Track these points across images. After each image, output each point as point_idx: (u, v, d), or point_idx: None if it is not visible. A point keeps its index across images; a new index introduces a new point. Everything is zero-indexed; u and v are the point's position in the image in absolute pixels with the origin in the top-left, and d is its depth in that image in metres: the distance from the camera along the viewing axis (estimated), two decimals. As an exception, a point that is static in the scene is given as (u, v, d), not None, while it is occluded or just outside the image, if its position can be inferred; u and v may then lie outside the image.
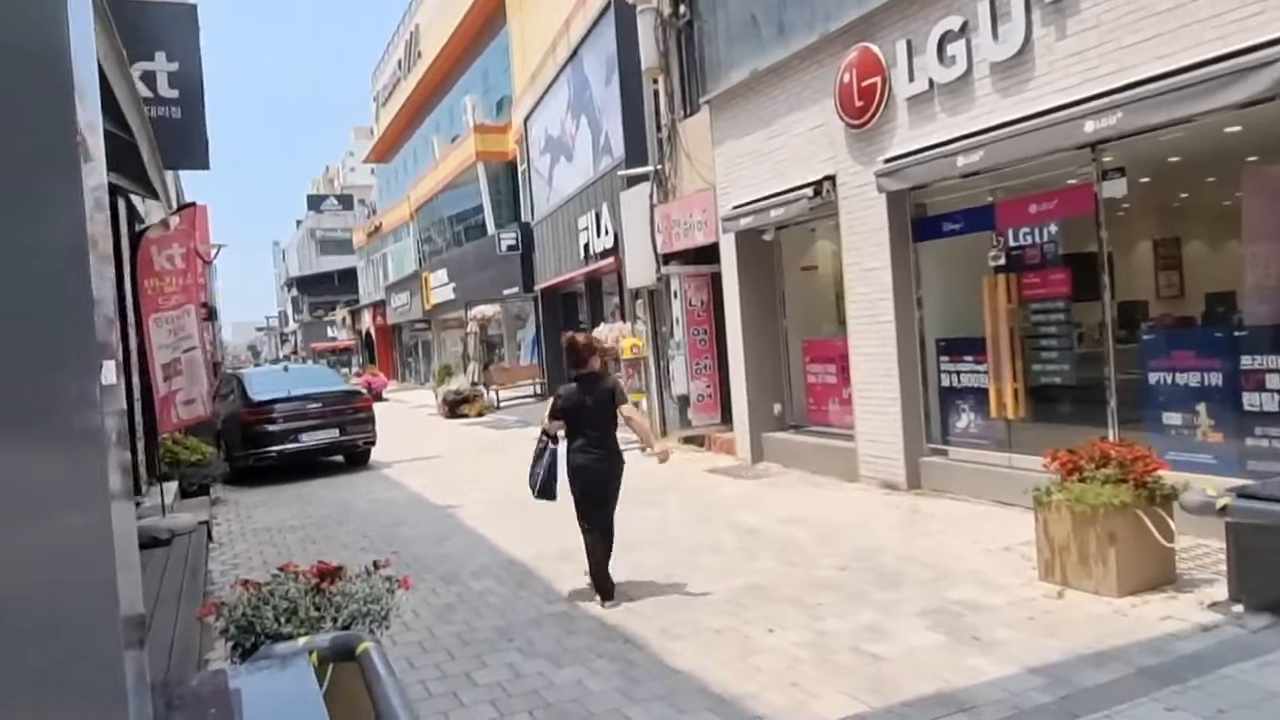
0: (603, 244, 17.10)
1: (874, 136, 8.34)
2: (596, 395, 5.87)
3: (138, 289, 8.03)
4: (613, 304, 19.18)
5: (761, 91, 9.95)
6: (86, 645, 1.86)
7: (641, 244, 12.89)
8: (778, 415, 10.82)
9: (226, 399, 13.58)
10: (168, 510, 8.56)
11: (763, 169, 10.04)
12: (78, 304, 1.86)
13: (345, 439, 13.17)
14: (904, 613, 5.09)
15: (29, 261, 1.74)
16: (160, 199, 7.10)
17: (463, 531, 8.28)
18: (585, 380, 5.94)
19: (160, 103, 7.78)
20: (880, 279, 8.42)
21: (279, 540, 8.49)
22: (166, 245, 8.19)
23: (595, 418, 5.86)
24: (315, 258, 70.24)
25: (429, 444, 16.06)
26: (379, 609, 3.67)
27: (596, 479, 5.85)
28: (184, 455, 10.63)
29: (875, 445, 8.66)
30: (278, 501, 10.93)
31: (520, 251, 24.54)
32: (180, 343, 8.18)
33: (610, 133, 16.64)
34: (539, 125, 22.12)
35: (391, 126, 41.37)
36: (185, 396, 8.19)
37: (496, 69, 29.41)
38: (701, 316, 12.05)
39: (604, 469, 5.87)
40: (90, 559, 1.83)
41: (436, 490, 10.72)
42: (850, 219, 8.79)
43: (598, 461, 5.84)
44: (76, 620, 1.83)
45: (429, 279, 34.15)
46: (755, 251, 10.75)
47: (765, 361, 10.82)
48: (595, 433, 5.86)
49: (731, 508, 8.37)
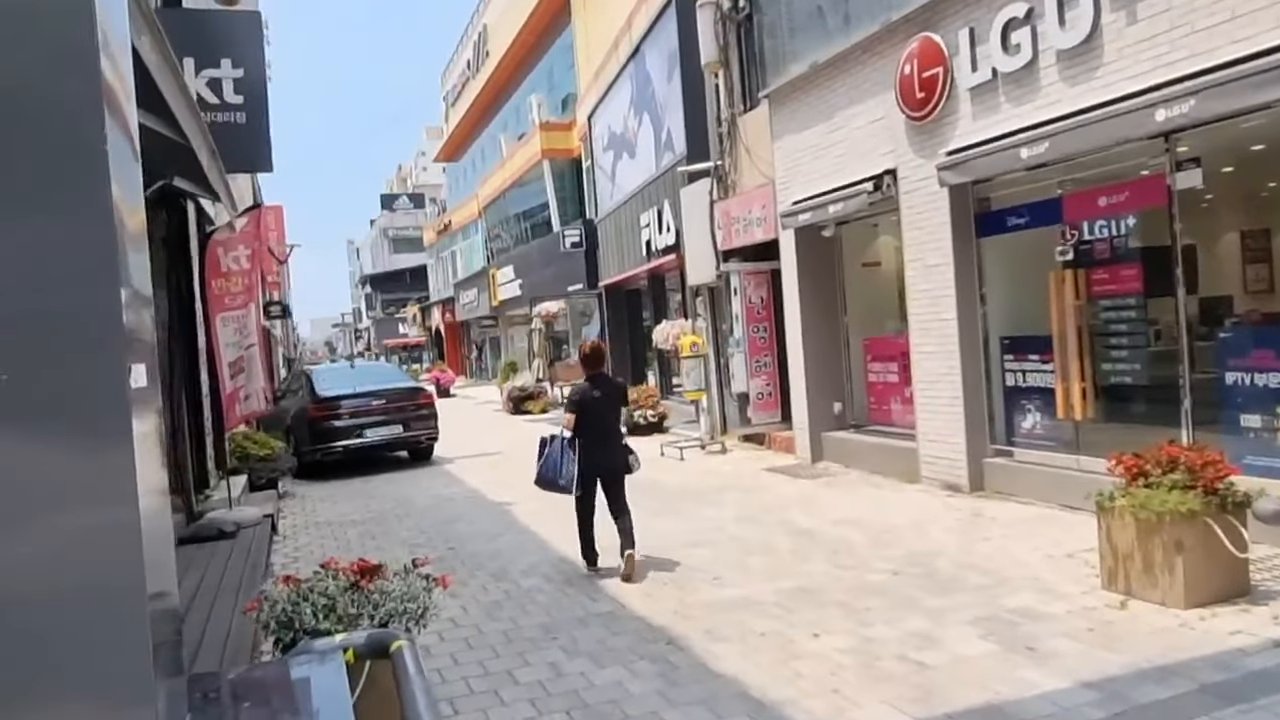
0: (664, 241, 17.04)
1: (936, 129, 8.11)
2: (607, 392, 6.66)
3: (206, 289, 8.29)
4: (676, 301, 19.14)
5: (821, 85, 9.77)
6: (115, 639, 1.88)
7: (701, 241, 12.81)
8: (838, 414, 10.64)
9: (296, 395, 13.95)
10: (235, 504, 8.82)
11: (822, 163, 9.87)
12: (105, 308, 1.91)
13: (408, 435, 13.40)
14: (956, 620, 4.94)
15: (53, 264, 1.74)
16: (223, 202, 7.30)
17: (516, 529, 8.34)
18: (597, 379, 6.71)
19: (226, 109, 7.99)
20: (942, 275, 8.20)
21: (340, 534, 8.67)
22: (233, 246, 8.42)
23: (604, 413, 6.62)
24: (388, 255, 71.77)
25: (491, 440, 16.24)
26: (415, 607, 3.69)
27: (603, 466, 6.53)
28: (253, 450, 10.94)
29: (937, 445, 8.44)
30: (342, 496, 11.17)
31: (584, 248, 24.64)
32: (244, 340, 8.41)
33: (672, 129, 16.57)
34: (602, 122, 22.17)
35: (460, 126, 41.97)
36: (245, 392, 8.41)
37: (561, 67, 29.58)
38: (761, 314, 11.92)
39: (610, 458, 6.57)
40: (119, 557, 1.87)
41: (495, 487, 10.82)
42: (911, 214, 8.58)
43: (603, 453, 6.54)
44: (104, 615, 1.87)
45: (496, 276, 34.57)
46: (815, 248, 10.58)
47: (825, 360, 10.64)
48: (603, 427, 6.60)
49: (787, 508, 8.26)
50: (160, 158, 6.37)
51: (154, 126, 4.86)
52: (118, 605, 1.95)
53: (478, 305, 38.42)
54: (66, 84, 1.88)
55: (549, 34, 29.70)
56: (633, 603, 5.78)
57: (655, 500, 9.08)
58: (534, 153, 28.83)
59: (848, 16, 9.18)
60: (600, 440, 6.53)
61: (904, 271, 8.95)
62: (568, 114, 28.76)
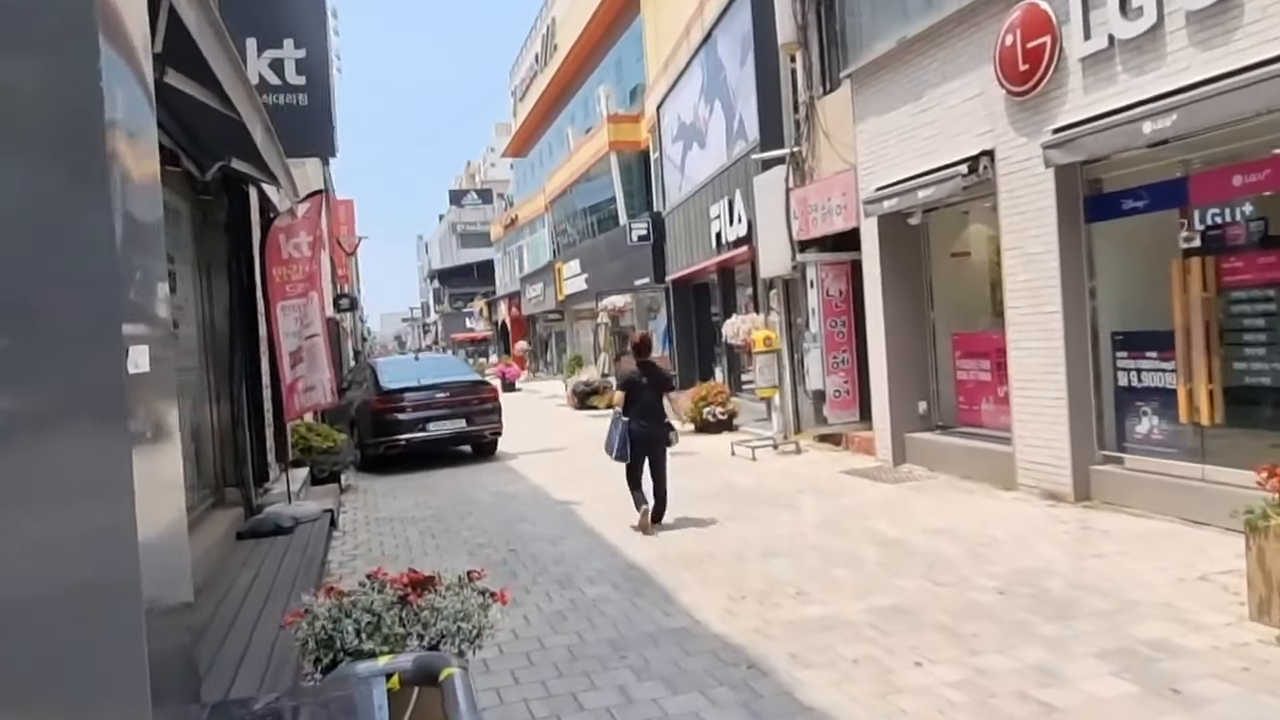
0: (735, 232, 16.48)
1: (1040, 104, 7.43)
2: (652, 378, 7.84)
3: (267, 277, 8.04)
4: (746, 295, 18.56)
5: (909, 62, 9.13)
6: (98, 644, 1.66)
7: (776, 231, 12.24)
8: (923, 414, 9.98)
9: (360, 387, 13.78)
10: (295, 498, 8.58)
11: (909, 146, 9.22)
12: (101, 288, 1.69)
13: (472, 429, 13.11)
14: (1080, 652, 4.34)
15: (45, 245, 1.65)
16: (282, 185, 7.02)
17: (582, 530, 7.91)
18: (644, 366, 7.93)
19: (288, 90, 7.74)
20: (1045, 265, 7.51)
21: (400, 532, 8.36)
22: (294, 233, 8.17)
23: (649, 395, 7.78)
24: (456, 250, 72.39)
25: (556, 435, 15.91)
26: (469, 627, 3.26)
27: (646, 439, 7.69)
28: (316, 442, 10.74)
29: (1036, 450, 7.76)
30: (404, 491, 10.91)
31: (651, 241, 24.19)
32: (304, 330, 8.14)
33: (744, 116, 15.99)
34: (671, 112, 21.68)
35: (528, 120, 41.91)
36: (306, 383, 8.15)
37: (630, 57, 29.18)
38: (840, 307, 11.30)
39: (652, 433, 7.73)
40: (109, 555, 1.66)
41: (559, 484, 10.44)
42: (1011, 198, 7.90)
43: (646, 428, 7.69)
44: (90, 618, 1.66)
45: (562, 270, 34.37)
46: (900, 237, 9.93)
47: (910, 356, 9.99)
48: (647, 406, 7.76)
49: (871, 514, 7.67)
50: (218, 138, 6.09)
51: (198, 95, 4.54)
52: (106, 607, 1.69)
53: (544, 299, 38.31)
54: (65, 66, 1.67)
55: (617, 24, 29.31)
56: (709, 618, 5.29)
57: (727, 503, 8.58)
58: (601, 145, 28.50)
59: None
60: (645, 416, 7.75)
61: (1000, 261, 8.30)
62: (635, 105, 28.36)
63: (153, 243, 2.17)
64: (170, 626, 2.12)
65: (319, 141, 7.93)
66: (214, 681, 3.96)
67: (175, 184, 6.99)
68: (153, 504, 1.89)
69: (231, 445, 8.03)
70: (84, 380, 1.74)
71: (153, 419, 2.02)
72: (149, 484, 1.85)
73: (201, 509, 7.40)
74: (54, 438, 1.70)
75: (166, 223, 6.92)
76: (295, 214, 8.07)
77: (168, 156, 6.13)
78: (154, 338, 2.05)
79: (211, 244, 7.88)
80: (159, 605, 1.92)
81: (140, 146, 1.98)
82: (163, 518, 2.04)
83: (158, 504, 1.98)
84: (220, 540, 6.91)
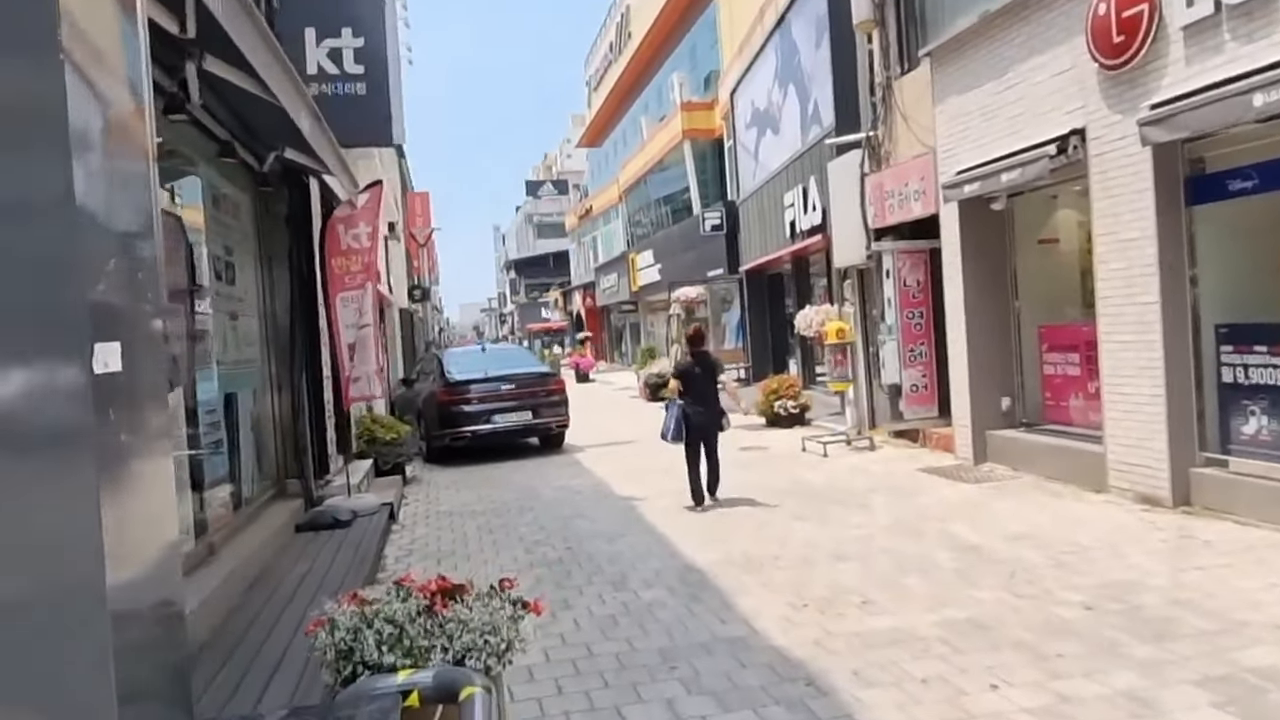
0: (810, 221, 16.02)
1: (1137, 78, 6.86)
2: (705, 367, 8.50)
3: (326, 268, 8.00)
4: (820, 286, 18.07)
5: (993, 36, 8.59)
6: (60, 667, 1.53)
7: (850, 218, 11.78)
8: (1006, 411, 9.44)
9: (428, 378, 13.81)
10: (356, 490, 8.56)
11: (993, 126, 8.69)
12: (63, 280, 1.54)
13: (538, 421, 13.00)
14: (1178, 678, 3.91)
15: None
16: (335, 175, 6.93)
17: (640, 528, 7.67)
18: (698, 356, 8.62)
19: (346, 79, 7.67)
20: (1141, 252, 6.95)
21: (458, 526, 8.26)
22: (353, 224, 8.11)
23: (702, 383, 8.41)
24: (533, 241, 73.03)
25: (625, 428, 15.72)
26: (497, 641, 3.04)
27: (701, 424, 8.30)
28: (380, 434, 10.75)
29: (1131, 450, 7.21)
30: (467, 484, 10.85)
31: (725, 232, 23.81)
32: (360, 320, 8.08)
33: (820, 100, 15.50)
34: (745, 98, 21.24)
35: (602, 110, 41.82)
36: (356, 374, 8.09)
37: (704, 44, 28.76)
38: (917, 298, 10.80)
39: (706, 418, 8.34)
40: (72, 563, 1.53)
41: (623, 479, 10.23)
42: (1104, 180, 7.34)
43: (701, 414, 8.31)
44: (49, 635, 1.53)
45: (635, 260, 34.19)
46: (982, 223, 9.40)
47: (992, 349, 9.46)
48: (701, 393, 8.38)
49: (949, 517, 7.24)
50: (270, 128, 6.01)
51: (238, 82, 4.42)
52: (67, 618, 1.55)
53: (618, 290, 38.22)
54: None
55: (692, 10, 28.91)
56: (768, 627, 4.98)
57: (796, 500, 8.23)
58: (675, 134, 28.18)
59: (1028, -46, 7.97)
60: (699, 402, 8.37)
61: (1091, 248, 7.75)
62: (709, 93, 27.95)
63: (137, 227, 1.99)
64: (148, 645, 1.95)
65: (377, 131, 7.84)
66: (246, 689, 3.84)
67: (235, 176, 6.99)
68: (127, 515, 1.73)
69: (292, 437, 8.04)
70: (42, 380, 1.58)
71: (129, 424, 1.84)
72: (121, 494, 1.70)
73: (261, 500, 7.40)
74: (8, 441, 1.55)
75: (226, 214, 6.91)
76: (355, 204, 8.00)
77: (223, 148, 6.09)
78: (133, 334, 1.87)
79: (272, 235, 7.88)
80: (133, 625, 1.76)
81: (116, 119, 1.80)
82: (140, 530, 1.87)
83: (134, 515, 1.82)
84: (277, 533, 6.90)
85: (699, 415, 8.28)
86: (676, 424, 8.28)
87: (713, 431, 8.37)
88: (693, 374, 8.45)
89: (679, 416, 8.28)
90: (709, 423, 8.34)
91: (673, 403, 8.44)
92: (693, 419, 8.26)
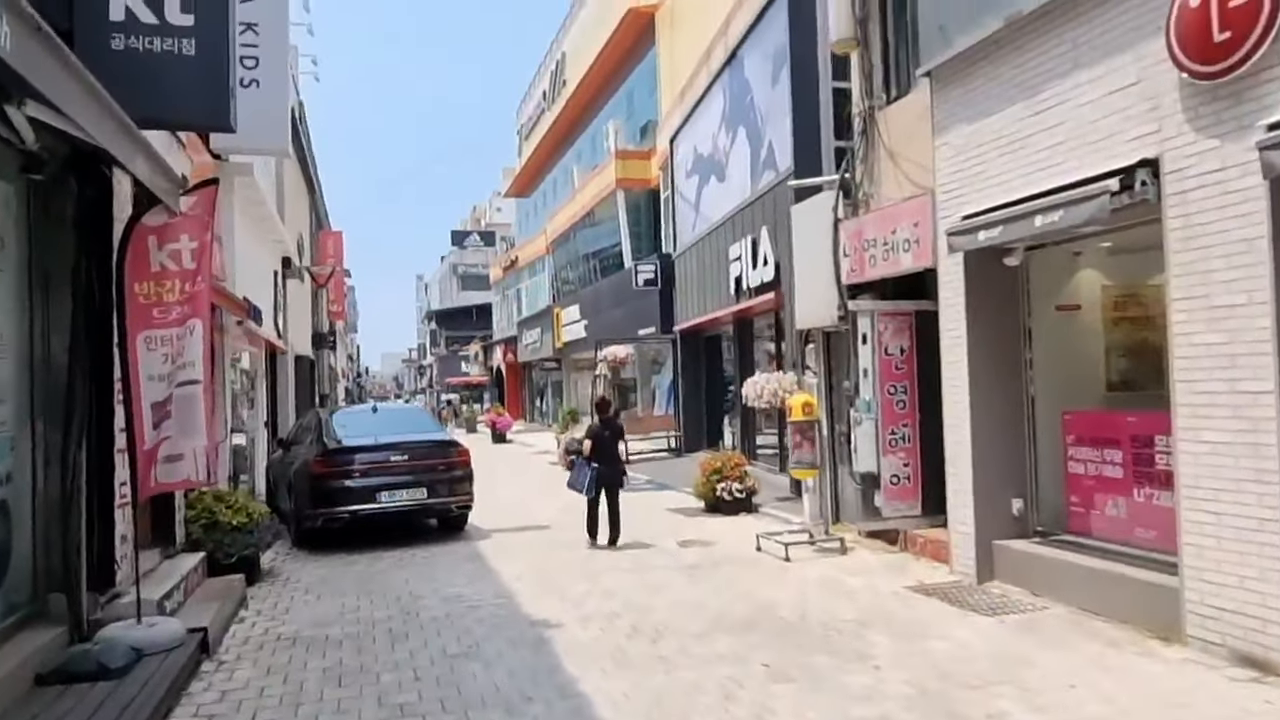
0: (759, 276, 14.23)
1: (1247, 89, 5.13)
2: (612, 431, 10.17)
3: (124, 295, 5.68)
4: (764, 349, 16.25)
5: (1021, 47, 6.89)
6: None
7: (817, 272, 9.92)
8: (1018, 515, 7.55)
9: (304, 444, 11.34)
10: (158, 607, 6.11)
11: (1018, 160, 6.94)
12: None
13: (435, 501, 10.63)
14: None
15: None
16: (125, 159, 4.69)
17: (557, 683, 5.41)
18: (605, 421, 10.23)
19: (166, 32, 5.44)
20: (1249, 323, 5.15)
21: (298, 670, 5.82)
22: (171, 236, 5.83)
23: (609, 444, 10.03)
24: (456, 292, 70.50)
25: (541, 505, 13.47)
26: None
27: (606, 478, 9.87)
28: (224, 517, 8.28)
29: (1224, 591, 5.32)
30: (334, 585, 8.43)
31: (659, 287, 22.00)
32: (178, 373, 5.75)
33: (775, 142, 13.83)
34: (687, 144, 19.59)
35: (533, 159, 40.11)
36: (170, 450, 5.73)
37: (642, 91, 27.31)
38: (901, 369, 8.93)
39: (611, 474, 9.91)
40: None
41: (536, 587, 7.98)
42: (1187, 226, 5.57)
43: (607, 471, 9.89)
44: None
45: (560, 315, 32.15)
46: (991, 281, 7.62)
47: (1002, 438, 7.60)
48: (608, 453, 9.97)
49: (986, 681, 5.19)
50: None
51: None
52: None
53: (540, 346, 36.04)
54: None
55: (630, 57, 27.49)
56: None
57: (766, 641, 6.08)
58: (608, 183, 26.47)
59: (1076, -58, 6.30)
60: (605, 460, 9.87)
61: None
62: (646, 142, 26.41)
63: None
64: None
65: (211, 107, 5.57)
66: None
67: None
68: None
69: (60, 533, 5.61)
70: None
71: None
72: None
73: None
74: None
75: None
76: (174, 211, 5.73)
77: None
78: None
79: (49, 245, 5.56)
80: None
81: None
82: None
83: None
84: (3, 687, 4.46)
85: (605, 472, 9.89)
86: (590, 480, 9.83)
87: (615, 484, 9.98)
88: (602, 437, 10.05)
89: (591, 476, 9.82)
90: (613, 477, 9.97)
91: (583, 462, 9.99)
92: (600, 474, 9.84)
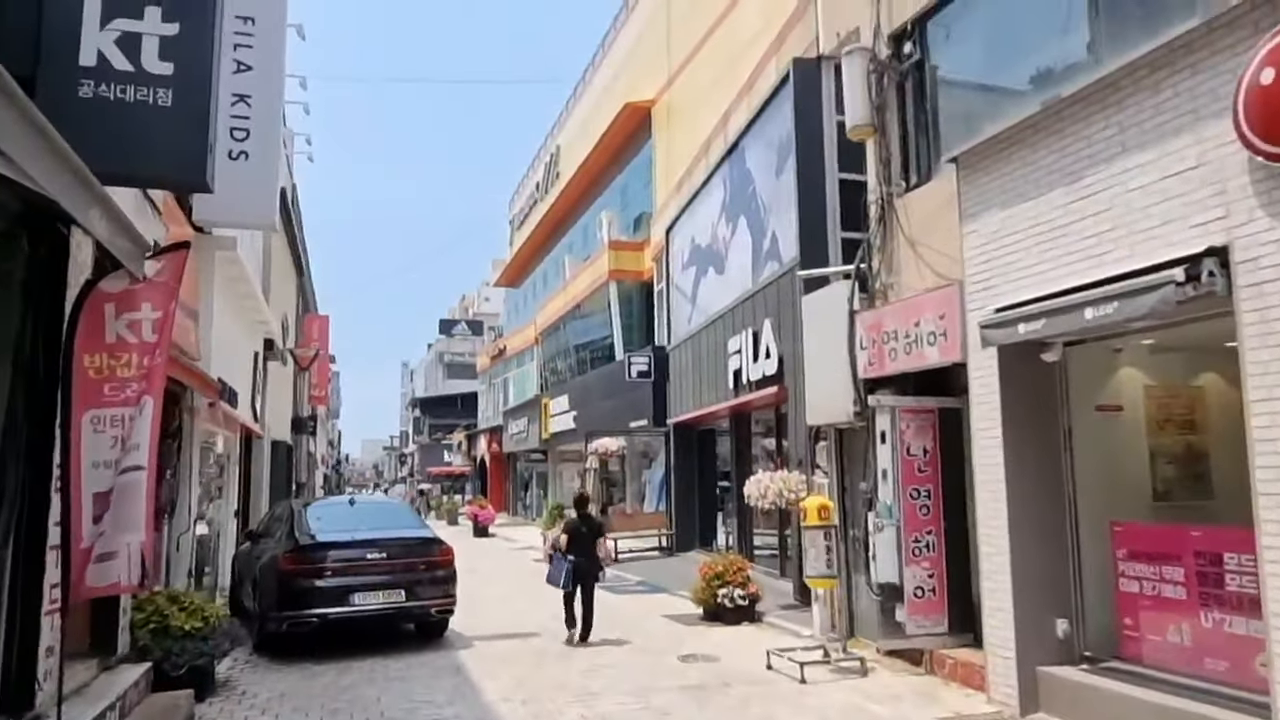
0: (760, 370, 13.66)
1: (1331, 171, 4.69)
2: (589, 526, 10.37)
3: (72, 368, 5.00)
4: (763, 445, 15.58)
5: (1059, 131, 6.49)
6: None
7: (831, 365, 9.36)
8: (1063, 638, 6.81)
9: (273, 537, 10.48)
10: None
11: (1058, 248, 6.47)
12: None
13: (414, 604, 9.73)
14: None
15: None
16: (83, 219, 4.09)
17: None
18: (583, 517, 10.48)
19: (142, 80, 4.93)
20: (1348, 426, 4.58)
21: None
22: (132, 304, 5.18)
23: (586, 539, 10.18)
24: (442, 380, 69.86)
25: (527, 608, 12.53)
26: None
27: (582, 572, 10.00)
28: (176, 621, 7.41)
29: (1330, 740, 4.60)
30: (294, 703, 7.51)
31: (652, 379, 21.39)
32: (125, 457, 5.02)
33: (779, 233, 13.46)
34: (683, 236, 19.31)
35: (524, 249, 40.03)
36: (104, 548, 4.95)
37: (636, 184, 27.29)
38: (924, 471, 8.28)
39: (587, 569, 10.05)
40: None
41: (524, 712, 7.11)
42: (1265, 320, 5.03)
43: (583, 565, 10.01)
44: None
45: (548, 405, 31.42)
46: (1027, 377, 7.06)
47: (1042, 549, 6.91)
48: (585, 548, 10.10)
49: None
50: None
51: None
52: None
53: (527, 437, 35.17)
54: None
55: (626, 151, 27.55)
56: None
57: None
58: (600, 274, 26.18)
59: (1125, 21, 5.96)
60: (582, 555, 10.01)
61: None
62: (640, 234, 26.24)
63: None
64: None
65: (181, 163, 5.02)
66: None
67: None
68: None
69: (-27, 645, 4.79)
70: None
71: None
72: None
73: None
74: None
75: None
76: (138, 277, 5.10)
77: None
78: None
79: None
80: None
81: None
82: None
83: None
84: None
85: (582, 565, 9.95)
86: (567, 575, 9.90)
87: (590, 578, 10.03)
88: (579, 532, 10.16)
89: (569, 570, 9.90)
90: (589, 572, 10.03)
91: (560, 556, 10.04)
92: (577, 567, 9.92)
